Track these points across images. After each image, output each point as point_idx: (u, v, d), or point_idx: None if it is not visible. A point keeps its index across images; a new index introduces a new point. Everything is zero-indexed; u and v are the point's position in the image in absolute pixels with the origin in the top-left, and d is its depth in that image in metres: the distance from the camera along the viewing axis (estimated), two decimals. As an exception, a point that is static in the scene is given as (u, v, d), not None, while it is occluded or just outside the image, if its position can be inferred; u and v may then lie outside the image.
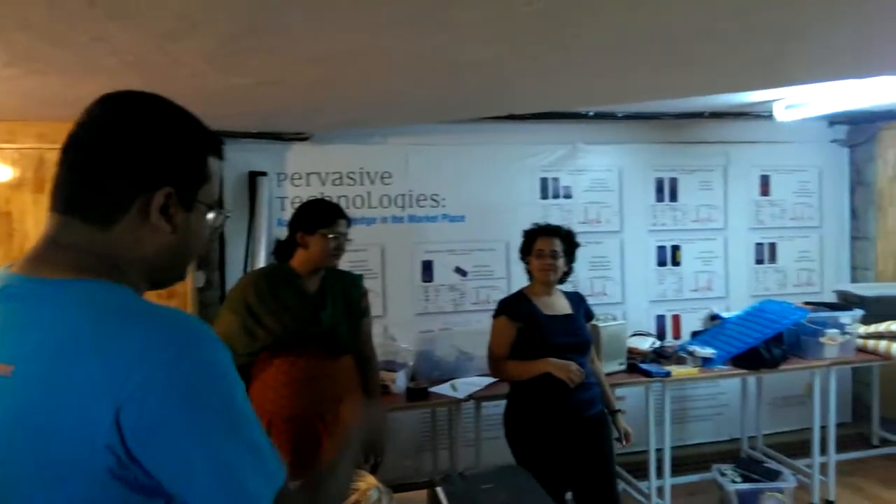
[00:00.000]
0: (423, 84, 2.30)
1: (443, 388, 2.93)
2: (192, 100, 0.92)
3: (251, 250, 3.24)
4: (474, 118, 3.54)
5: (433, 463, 3.45)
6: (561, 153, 3.94)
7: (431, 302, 3.69)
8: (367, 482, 1.77)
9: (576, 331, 2.54)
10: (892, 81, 2.90)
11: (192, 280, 3.03)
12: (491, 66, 2.00)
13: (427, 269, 3.68)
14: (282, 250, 2.20)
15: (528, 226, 3.80)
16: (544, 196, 3.93)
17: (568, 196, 3.97)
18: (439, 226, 3.71)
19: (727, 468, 3.27)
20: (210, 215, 0.90)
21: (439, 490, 1.71)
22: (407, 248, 3.65)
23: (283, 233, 2.24)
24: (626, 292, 4.05)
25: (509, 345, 2.50)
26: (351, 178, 3.59)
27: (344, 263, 2.37)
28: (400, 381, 2.91)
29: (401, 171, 3.66)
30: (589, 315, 2.73)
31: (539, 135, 3.87)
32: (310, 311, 2.08)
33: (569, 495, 2.50)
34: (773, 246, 4.34)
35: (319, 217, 2.12)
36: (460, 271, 3.75)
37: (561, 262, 2.56)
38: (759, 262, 4.30)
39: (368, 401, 2.29)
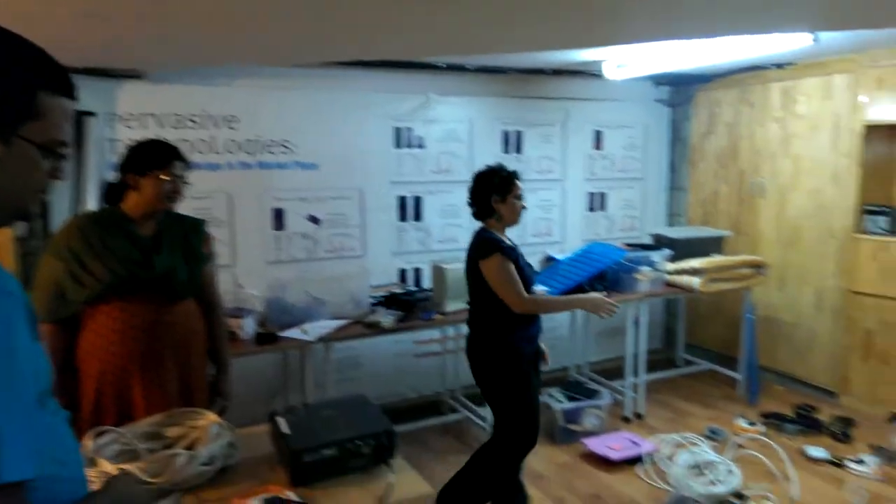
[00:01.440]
0: (260, 23, 2.26)
1: (293, 333, 2.99)
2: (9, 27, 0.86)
3: (79, 196, 3.03)
4: (326, 63, 3.52)
5: (285, 405, 3.52)
6: (414, 103, 4.04)
7: (284, 250, 3.68)
8: (208, 419, 1.81)
9: (529, 265, 2.73)
10: (706, 46, 3.29)
11: (12, 228, 2.79)
12: (332, 8, 2.02)
13: (279, 217, 3.66)
14: (112, 193, 2.10)
15: (381, 174, 3.95)
16: (398, 145, 4.02)
17: (421, 146, 4.09)
18: (291, 173, 3.68)
19: (555, 391, 3.68)
20: (40, 157, 0.82)
21: (279, 419, 1.79)
22: (256, 195, 3.59)
23: (114, 176, 2.13)
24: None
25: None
26: (193, 122, 3.43)
27: (188, 211, 2.32)
28: (248, 326, 2.92)
29: (249, 115, 3.55)
30: None
31: (392, 84, 3.93)
32: (141, 255, 2.03)
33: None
34: (603, 195, 4.79)
35: (153, 157, 2.05)
36: (314, 219, 3.77)
37: None
38: (592, 209, 4.75)
39: (214, 346, 2.32)
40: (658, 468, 3.23)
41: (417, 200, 4.10)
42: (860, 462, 3.24)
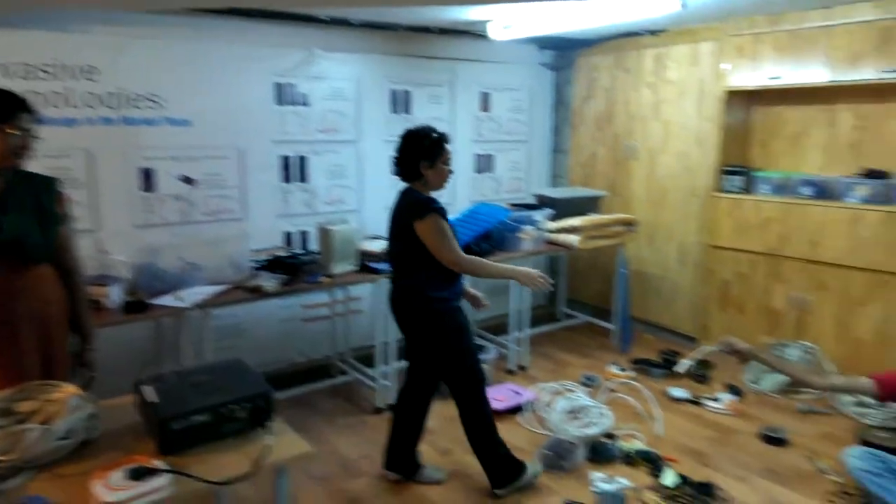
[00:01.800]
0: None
1: (166, 300, 2.83)
2: None
3: None
4: (198, 11, 3.27)
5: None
6: (296, 58, 3.87)
7: (155, 213, 3.45)
8: (65, 391, 1.69)
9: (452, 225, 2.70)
10: (583, 9, 3.37)
11: None
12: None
13: (147, 177, 3.41)
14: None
15: (262, 133, 3.77)
16: (280, 102, 3.85)
17: (305, 103, 3.94)
18: (160, 130, 3.42)
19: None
20: None
21: (145, 388, 1.71)
22: (121, 153, 3.31)
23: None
24: (363, 199, 4.25)
25: None
26: (45, 72, 3.09)
27: (40, 170, 2.12)
28: (114, 295, 2.73)
29: (110, 66, 3.25)
30: None
31: (272, 37, 3.74)
32: (-15, 216, 1.83)
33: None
34: (490, 157, 4.88)
35: None
36: (187, 180, 3.55)
37: None
38: (479, 171, 4.83)
39: (74, 315, 2.15)
40: (538, 415, 3.41)
41: (302, 160, 3.97)
42: (715, 400, 3.58)
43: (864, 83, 3.51)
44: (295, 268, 3.23)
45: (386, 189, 4.34)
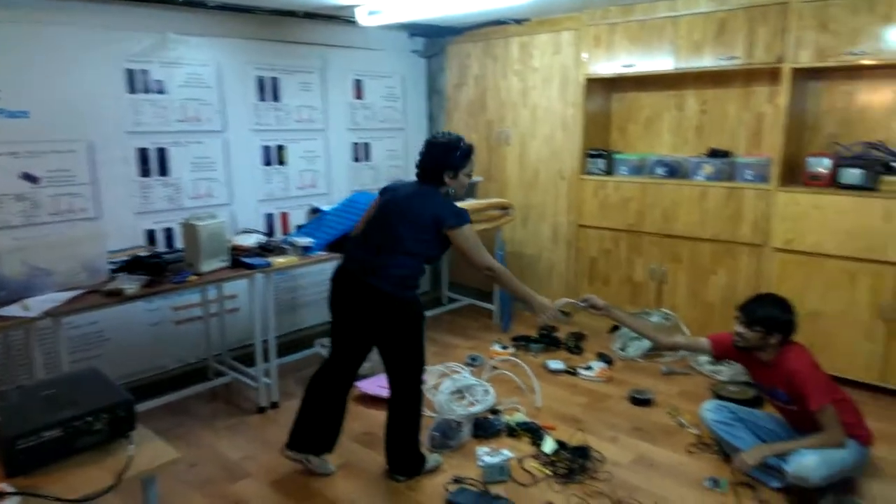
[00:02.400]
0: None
1: (10, 310, 2.54)
2: None
3: None
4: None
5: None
6: (149, 42, 3.60)
7: (-9, 214, 3.09)
8: None
9: None
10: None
11: None
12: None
13: (-20, 175, 3.05)
14: None
15: (114, 123, 3.48)
16: (133, 90, 3.57)
17: (161, 91, 3.69)
18: (-8, 123, 3.07)
19: (326, 340, 3.70)
20: None
21: (-20, 408, 1.53)
22: (-57, 148, 2.94)
23: None
24: (232, 193, 4.06)
25: None
26: None
27: None
28: (-57, 307, 2.42)
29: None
30: None
31: (121, 19, 3.46)
32: None
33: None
34: (367, 145, 4.84)
35: None
36: (29, 178, 3.21)
37: None
38: (357, 160, 4.77)
39: None
40: (426, 398, 3.45)
41: (162, 153, 3.72)
42: (588, 368, 3.81)
43: (705, 70, 3.86)
44: (158, 268, 3.02)
45: (260, 182, 4.21)
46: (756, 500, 2.51)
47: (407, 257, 2.54)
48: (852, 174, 3.42)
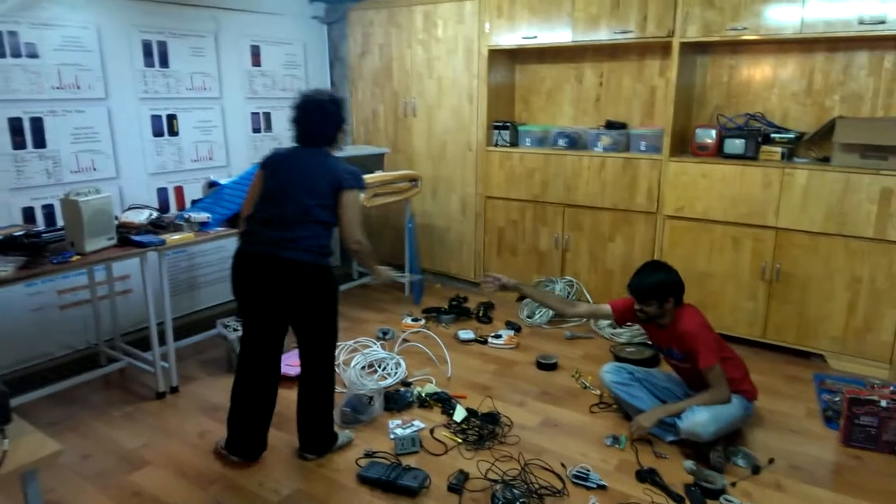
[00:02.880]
0: None
1: None
2: None
3: None
4: None
5: None
6: (14, 1, 3.25)
7: None
8: None
9: None
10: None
11: None
12: None
13: None
14: None
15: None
16: (0, 55, 3.22)
17: (33, 55, 3.35)
18: None
19: (229, 320, 3.56)
20: None
21: None
22: None
23: None
24: (119, 166, 3.78)
25: None
26: None
27: None
28: None
29: None
30: None
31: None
32: None
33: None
34: (268, 115, 4.64)
35: None
36: None
37: None
38: (256, 130, 4.57)
39: None
40: (336, 374, 3.41)
41: (37, 123, 3.39)
42: (498, 336, 3.90)
43: (602, 43, 3.96)
44: (36, 247, 2.77)
45: (150, 154, 3.94)
46: (652, 453, 2.67)
47: (318, 226, 2.46)
48: (735, 144, 3.65)
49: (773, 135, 3.66)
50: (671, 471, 2.53)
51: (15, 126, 3.31)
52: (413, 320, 4.16)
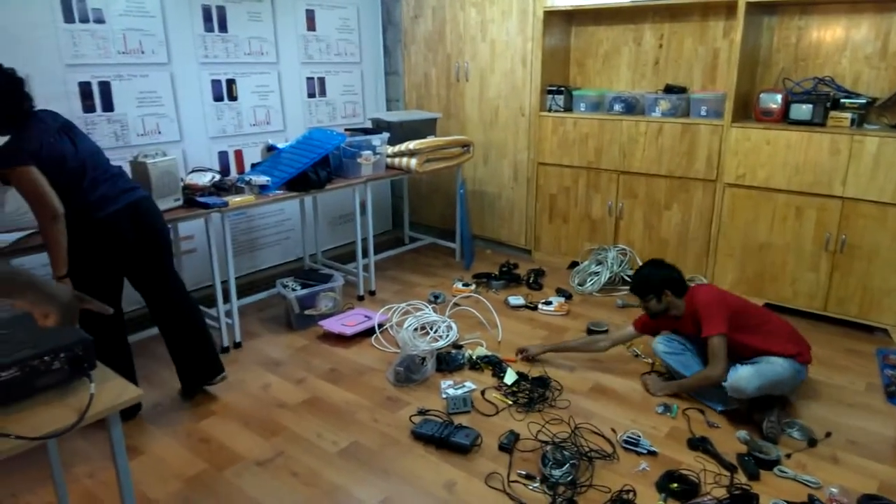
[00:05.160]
0: None
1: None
2: None
3: None
4: None
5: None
6: (83, -33, 3.35)
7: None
8: None
9: None
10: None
11: None
12: None
13: None
14: None
15: (50, 56, 3.26)
16: (69, 19, 3.33)
17: (100, 20, 3.46)
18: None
19: (288, 280, 3.68)
20: None
21: (-70, 351, 1.48)
22: None
23: None
24: (183, 129, 3.90)
25: None
26: None
27: None
28: None
29: None
30: None
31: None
32: None
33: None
34: (322, 80, 4.68)
35: None
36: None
37: None
38: (311, 95, 4.62)
39: None
40: (389, 335, 3.50)
41: (105, 87, 3.51)
42: (548, 303, 3.91)
43: (663, 3, 3.82)
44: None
45: (211, 118, 4.04)
46: (705, 422, 2.66)
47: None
48: (802, 110, 3.50)
49: (842, 100, 3.49)
50: (724, 440, 2.52)
51: (85, 90, 3.45)
52: (464, 285, 4.20)
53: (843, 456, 2.44)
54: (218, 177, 3.50)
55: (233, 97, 4.13)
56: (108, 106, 3.55)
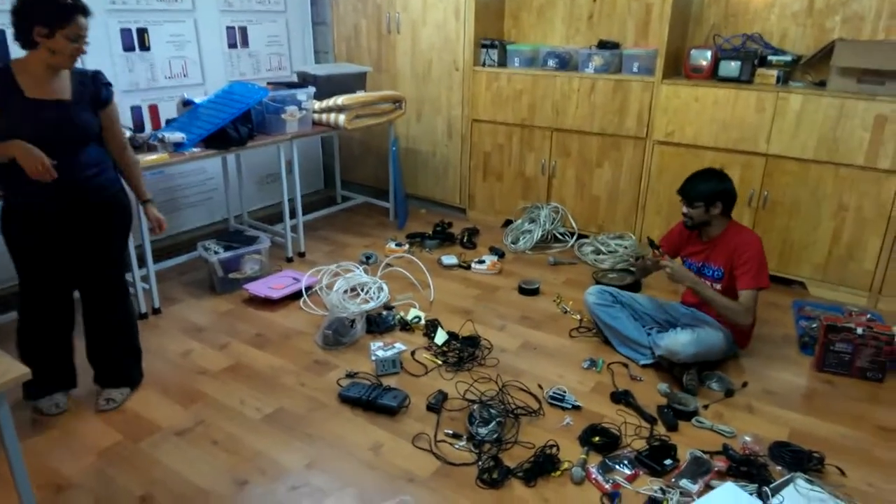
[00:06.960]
0: None
1: None
2: None
3: None
4: None
5: None
6: None
7: None
8: None
9: (64, 120, 2.15)
10: None
11: None
12: None
13: None
14: None
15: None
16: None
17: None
18: None
19: (210, 242, 3.51)
20: None
21: None
22: None
23: None
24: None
25: None
26: None
27: None
28: None
29: None
30: (99, 100, 2.27)
31: None
32: None
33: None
34: (244, 30, 4.41)
35: None
36: None
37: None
38: (232, 46, 4.35)
39: None
40: (318, 298, 3.41)
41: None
42: (481, 262, 3.88)
43: (597, -45, 3.74)
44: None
45: (121, 70, 3.75)
46: (628, 376, 2.72)
47: (100, 147, 2.34)
48: (730, 67, 3.53)
49: (769, 57, 3.53)
50: (646, 394, 2.58)
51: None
52: (397, 245, 4.12)
53: (758, 405, 2.54)
54: (129, 133, 3.26)
55: (145, 47, 3.84)
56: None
